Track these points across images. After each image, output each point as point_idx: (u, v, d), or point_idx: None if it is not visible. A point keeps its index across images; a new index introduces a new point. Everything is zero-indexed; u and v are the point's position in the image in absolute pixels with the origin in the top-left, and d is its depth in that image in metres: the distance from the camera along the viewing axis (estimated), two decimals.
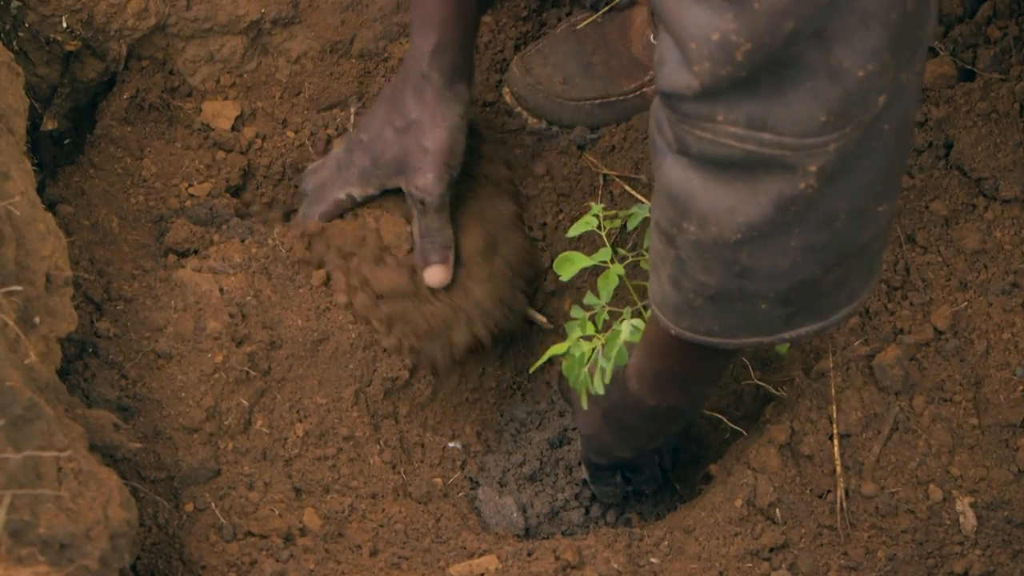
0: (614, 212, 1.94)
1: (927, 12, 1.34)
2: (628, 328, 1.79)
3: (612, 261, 1.88)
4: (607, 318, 1.87)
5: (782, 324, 1.56)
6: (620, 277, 1.87)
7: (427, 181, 2.00)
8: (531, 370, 1.97)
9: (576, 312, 1.88)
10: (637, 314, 1.86)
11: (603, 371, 1.81)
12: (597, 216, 1.89)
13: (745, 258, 1.47)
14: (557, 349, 1.87)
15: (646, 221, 1.89)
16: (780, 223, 1.43)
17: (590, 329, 1.85)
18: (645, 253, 1.88)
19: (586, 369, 1.83)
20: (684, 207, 1.46)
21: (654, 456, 2.03)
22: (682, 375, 1.76)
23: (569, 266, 1.90)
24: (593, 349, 1.83)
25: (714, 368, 1.78)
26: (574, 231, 1.92)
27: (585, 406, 1.87)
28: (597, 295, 1.87)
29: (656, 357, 1.75)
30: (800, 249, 1.46)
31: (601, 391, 1.83)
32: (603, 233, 1.89)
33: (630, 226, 1.93)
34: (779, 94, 1.34)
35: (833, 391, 1.91)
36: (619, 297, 1.94)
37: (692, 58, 1.33)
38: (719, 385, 1.93)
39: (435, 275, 2.03)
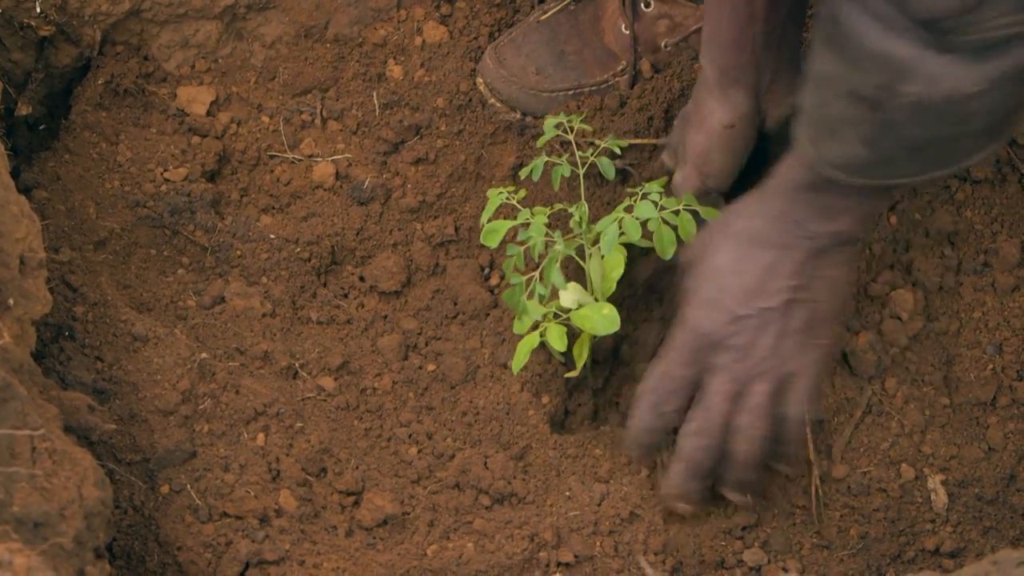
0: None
1: None
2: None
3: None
4: (543, 250, 1.91)
5: (974, 150, 1.59)
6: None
7: (675, 177, 1.98)
8: (515, 371, 1.99)
9: (511, 249, 1.93)
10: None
11: (541, 296, 1.91)
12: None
13: (976, 104, 1.49)
14: (530, 342, 1.90)
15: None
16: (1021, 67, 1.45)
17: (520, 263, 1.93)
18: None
19: (524, 296, 1.92)
20: (906, 72, 1.47)
21: None
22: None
23: (495, 235, 1.93)
24: (530, 279, 1.91)
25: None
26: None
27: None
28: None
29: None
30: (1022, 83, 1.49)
31: (524, 329, 1.89)
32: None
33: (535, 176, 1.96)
34: None
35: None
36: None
37: None
38: None
39: None
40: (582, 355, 1.95)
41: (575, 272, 1.97)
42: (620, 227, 1.87)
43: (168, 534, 1.79)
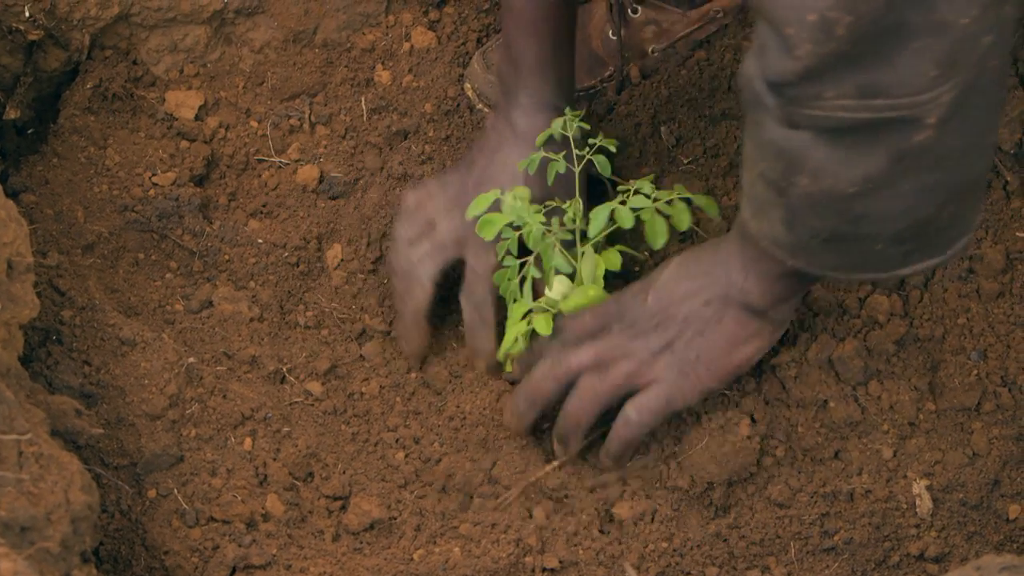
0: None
1: None
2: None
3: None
4: (539, 236, 1.91)
5: (898, 261, 1.58)
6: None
7: None
8: (499, 355, 1.99)
9: (507, 232, 1.92)
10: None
11: (534, 279, 1.91)
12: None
13: (860, 207, 1.49)
14: (518, 328, 1.90)
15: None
16: (897, 172, 1.44)
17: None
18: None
19: (516, 280, 1.92)
20: (795, 163, 1.47)
21: None
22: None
23: (490, 228, 1.93)
24: (523, 264, 1.91)
25: (814, 280, 1.80)
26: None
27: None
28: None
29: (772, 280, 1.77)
30: (915, 191, 1.47)
31: (528, 302, 1.90)
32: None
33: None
34: (885, 60, 1.34)
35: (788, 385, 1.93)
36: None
37: (792, 43, 1.33)
38: None
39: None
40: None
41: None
42: (612, 216, 1.88)
43: (155, 538, 1.79)
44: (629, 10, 2.18)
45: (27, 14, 2.05)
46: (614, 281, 1.95)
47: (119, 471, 1.83)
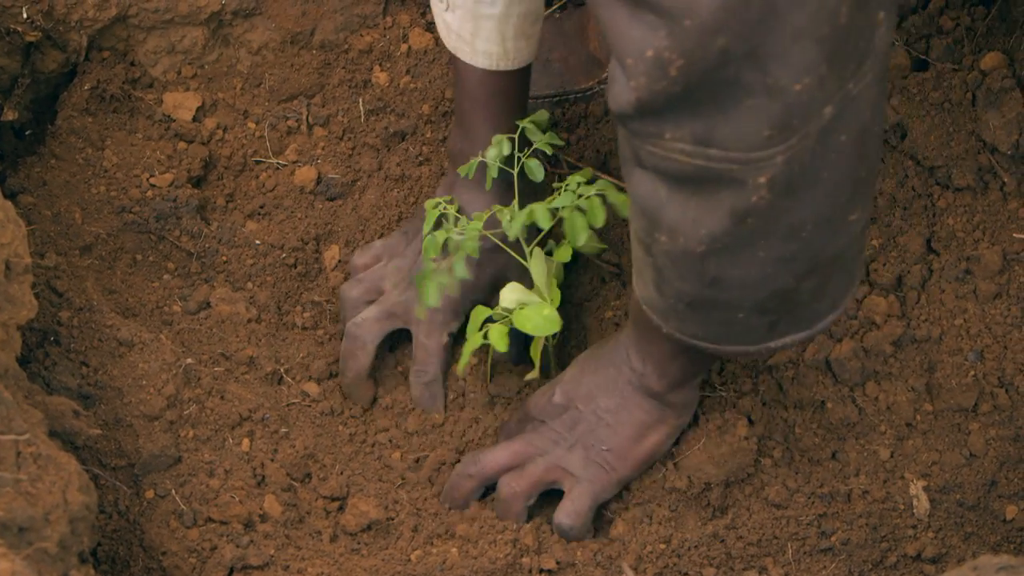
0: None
1: (869, 24, 1.35)
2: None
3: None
4: (455, 243, 1.92)
5: (764, 333, 1.58)
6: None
7: None
8: (460, 372, 2.01)
9: (428, 240, 1.92)
10: None
11: (442, 284, 1.92)
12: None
13: (713, 268, 1.49)
14: (473, 342, 1.91)
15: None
16: (741, 235, 1.45)
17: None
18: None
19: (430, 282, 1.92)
20: (654, 219, 1.49)
21: None
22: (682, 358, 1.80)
23: (436, 247, 1.92)
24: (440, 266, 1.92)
25: (706, 361, 1.81)
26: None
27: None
28: None
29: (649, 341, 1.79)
30: (769, 260, 1.48)
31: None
32: None
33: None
34: (721, 112, 1.35)
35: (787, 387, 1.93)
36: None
37: (630, 74, 1.35)
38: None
39: None
40: (537, 357, 1.95)
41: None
42: (532, 215, 1.88)
43: (153, 539, 1.79)
44: None
45: (25, 15, 2.05)
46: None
47: (117, 472, 1.83)
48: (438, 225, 1.95)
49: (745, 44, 1.30)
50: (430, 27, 2.26)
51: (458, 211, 1.96)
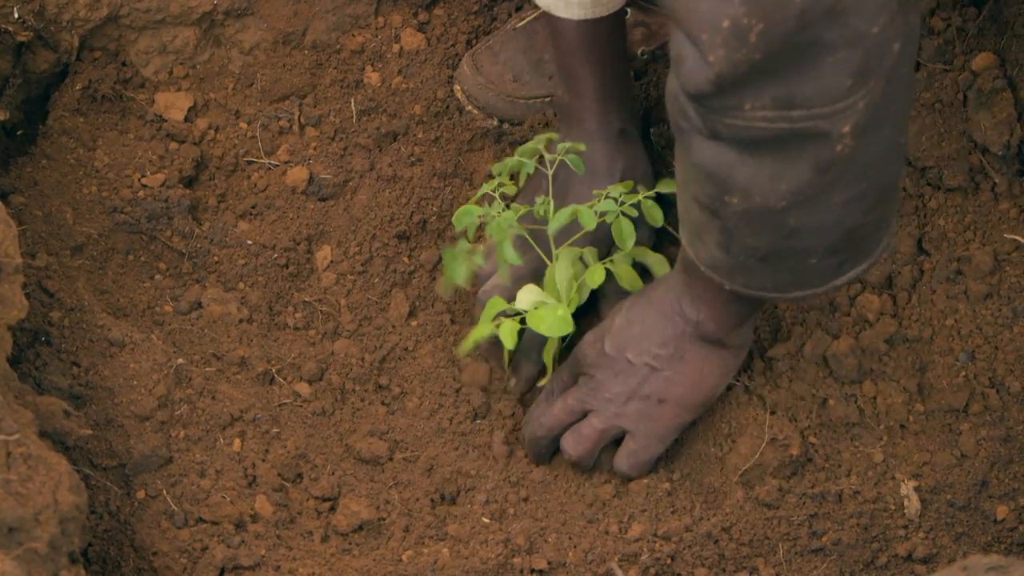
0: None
1: None
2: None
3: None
4: (501, 227, 1.93)
5: (833, 272, 1.61)
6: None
7: None
8: (461, 354, 2.02)
9: (471, 218, 1.94)
10: None
11: (479, 265, 1.98)
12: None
13: (793, 220, 1.51)
14: (480, 330, 1.91)
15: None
16: (823, 184, 1.47)
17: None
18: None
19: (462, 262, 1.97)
20: (724, 183, 1.49)
21: None
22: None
23: (466, 217, 1.93)
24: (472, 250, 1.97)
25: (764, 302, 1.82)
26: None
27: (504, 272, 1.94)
28: None
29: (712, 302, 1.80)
30: (844, 202, 1.50)
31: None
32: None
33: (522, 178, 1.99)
34: (801, 73, 1.36)
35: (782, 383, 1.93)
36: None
37: (706, 48, 1.35)
38: None
39: None
40: (548, 360, 1.96)
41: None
42: (577, 215, 1.89)
43: (144, 539, 1.79)
44: None
45: (16, 15, 2.05)
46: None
47: (108, 472, 1.82)
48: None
49: (823, 1, 1.31)
50: (422, 27, 2.26)
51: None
